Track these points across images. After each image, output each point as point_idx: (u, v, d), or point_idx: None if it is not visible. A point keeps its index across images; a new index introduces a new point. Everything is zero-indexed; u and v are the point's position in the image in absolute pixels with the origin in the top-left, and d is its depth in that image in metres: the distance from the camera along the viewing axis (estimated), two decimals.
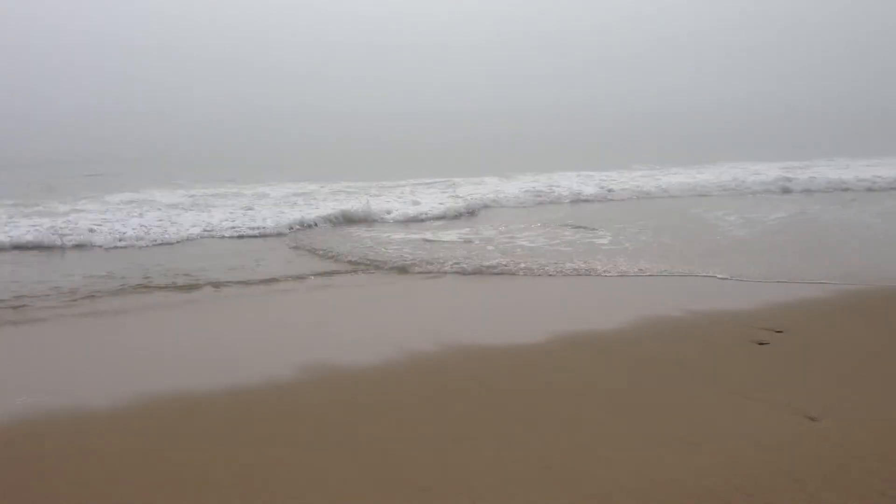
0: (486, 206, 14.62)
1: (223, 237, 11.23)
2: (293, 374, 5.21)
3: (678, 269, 8.61)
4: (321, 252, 10.01)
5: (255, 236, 11.24)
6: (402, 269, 8.89)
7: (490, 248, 10.42)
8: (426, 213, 13.29)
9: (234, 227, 11.47)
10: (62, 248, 10.27)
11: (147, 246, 10.49)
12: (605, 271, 8.65)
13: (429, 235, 11.40)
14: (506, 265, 8.96)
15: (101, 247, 10.35)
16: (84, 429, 4.33)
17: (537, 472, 3.64)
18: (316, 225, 11.99)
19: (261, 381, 5.07)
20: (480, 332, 6.23)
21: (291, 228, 11.62)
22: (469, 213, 13.67)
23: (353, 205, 13.28)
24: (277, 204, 14.20)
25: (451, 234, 11.57)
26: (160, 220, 11.98)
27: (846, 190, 16.98)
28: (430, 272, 8.73)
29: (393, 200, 14.66)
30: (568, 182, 17.42)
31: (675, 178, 18.64)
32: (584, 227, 12.01)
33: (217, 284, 8.17)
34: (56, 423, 4.42)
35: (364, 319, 6.90)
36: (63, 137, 36.25)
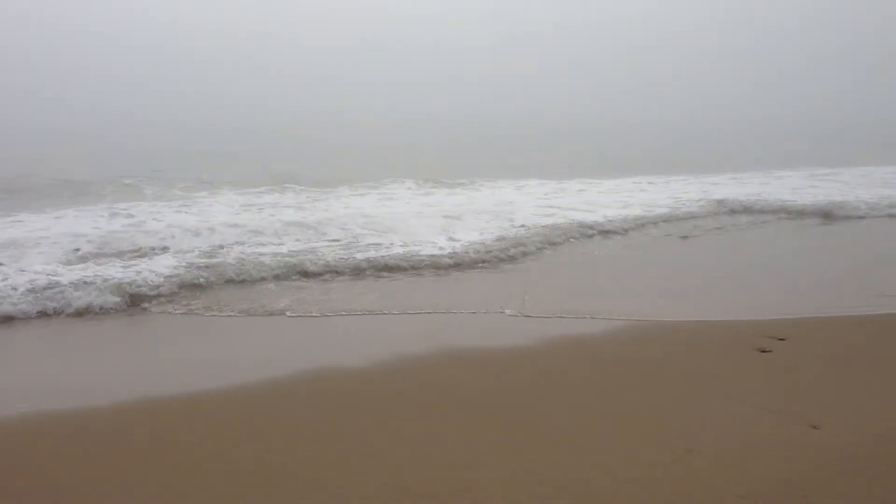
0: None
1: None
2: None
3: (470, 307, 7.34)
4: None
5: None
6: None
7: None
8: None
9: None
10: None
11: None
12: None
13: None
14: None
15: None
16: (86, 428, 4.34)
17: (537, 477, 3.61)
18: None
19: (259, 382, 5.09)
20: None
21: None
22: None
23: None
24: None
25: None
26: None
27: None
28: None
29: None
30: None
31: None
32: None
33: None
34: (58, 422, 4.44)
35: None
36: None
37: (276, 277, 8.35)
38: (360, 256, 9.26)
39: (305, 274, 8.45)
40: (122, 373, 5.61)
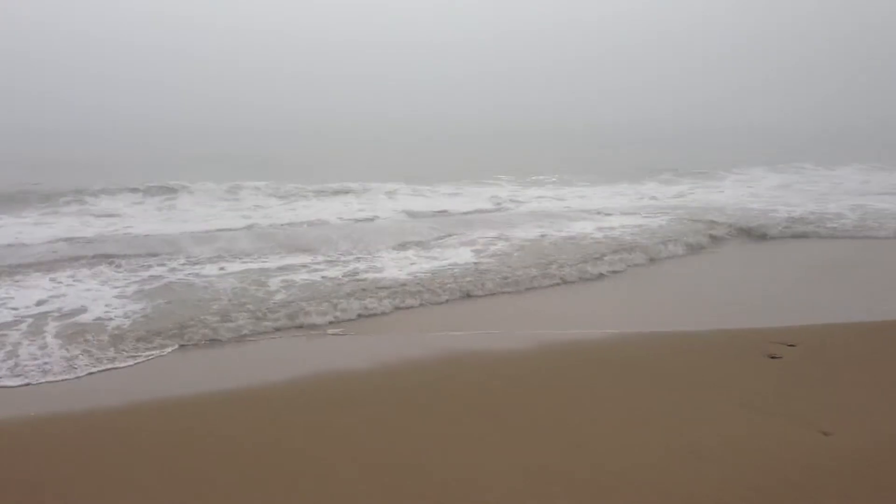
0: None
1: None
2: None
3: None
4: None
5: None
6: None
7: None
8: None
9: None
10: None
11: None
12: None
13: None
14: None
15: None
16: (94, 427, 4.40)
17: (543, 480, 3.62)
18: None
19: (263, 386, 5.14)
20: None
21: None
22: None
23: None
24: None
25: None
26: None
27: None
28: None
29: None
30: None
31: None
32: None
33: None
34: (69, 423, 4.50)
35: None
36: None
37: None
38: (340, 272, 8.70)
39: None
40: None
